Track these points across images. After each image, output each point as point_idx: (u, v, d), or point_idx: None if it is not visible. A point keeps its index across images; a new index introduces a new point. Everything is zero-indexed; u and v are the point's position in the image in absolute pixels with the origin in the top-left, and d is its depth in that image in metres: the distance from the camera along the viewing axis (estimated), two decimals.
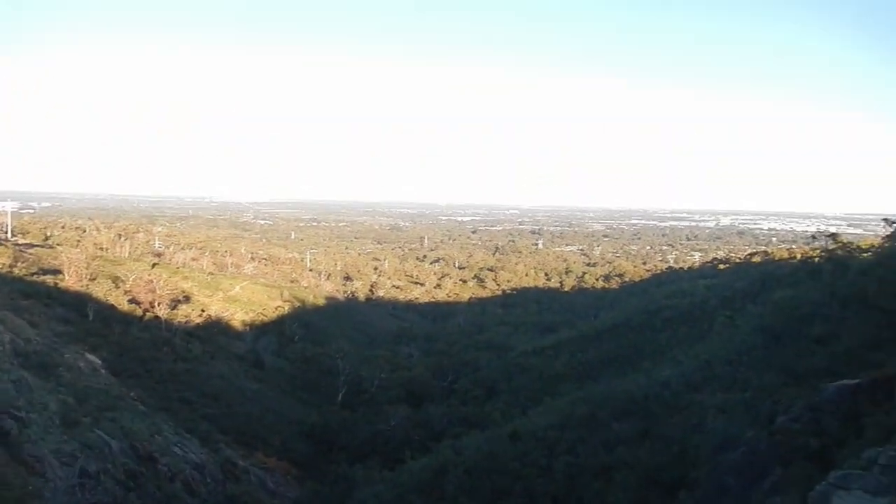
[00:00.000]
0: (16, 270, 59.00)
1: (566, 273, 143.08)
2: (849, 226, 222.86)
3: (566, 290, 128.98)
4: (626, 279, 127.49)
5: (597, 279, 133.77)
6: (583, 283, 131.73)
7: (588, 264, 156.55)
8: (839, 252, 48.05)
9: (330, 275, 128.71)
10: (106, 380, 39.98)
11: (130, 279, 66.22)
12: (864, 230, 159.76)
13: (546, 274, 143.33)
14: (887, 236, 36.84)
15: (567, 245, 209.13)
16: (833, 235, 54.93)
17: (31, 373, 34.89)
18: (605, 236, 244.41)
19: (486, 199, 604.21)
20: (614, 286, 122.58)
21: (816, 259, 58.70)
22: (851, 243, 52.78)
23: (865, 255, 46.65)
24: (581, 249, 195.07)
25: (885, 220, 35.88)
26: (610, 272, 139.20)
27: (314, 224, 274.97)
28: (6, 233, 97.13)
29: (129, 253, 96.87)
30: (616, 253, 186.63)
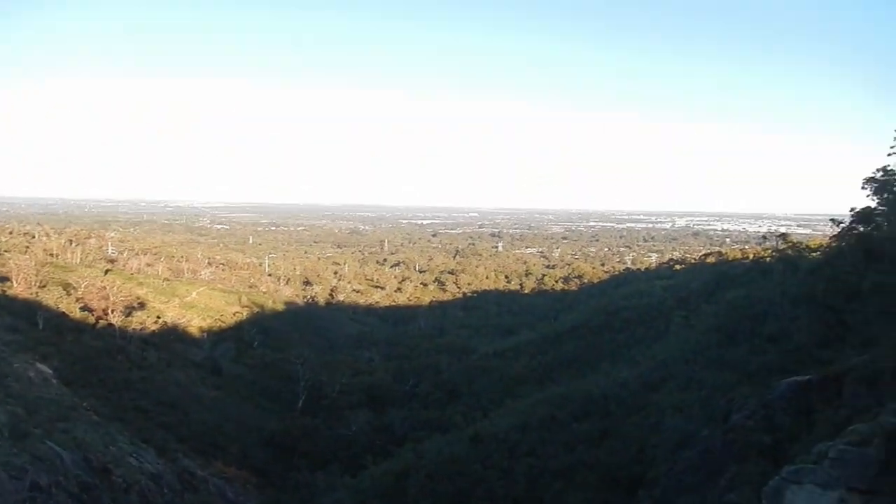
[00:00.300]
0: None
1: (526, 275, 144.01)
2: (798, 226, 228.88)
3: (526, 292, 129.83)
4: (585, 281, 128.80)
5: (556, 281, 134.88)
6: (542, 285, 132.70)
7: (547, 266, 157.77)
8: (789, 252, 49.45)
9: (289, 279, 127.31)
10: (57, 390, 38.87)
11: (82, 286, 64.57)
12: (813, 230, 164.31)
13: (506, 276, 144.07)
14: (834, 236, 37.96)
15: (526, 247, 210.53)
16: (783, 236, 56.56)
17: None
18: (564, 238, 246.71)
19: (445, 202, 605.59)
20: (573, 288, 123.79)
21: (768, 259, 60.35)
22: (801, 243, 54.33)
23: (814, 254, 48.08)
24: (540, 251, 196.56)
25: (833, 220, 36.99)
26: (569, 274, 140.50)
27: (272, 228, 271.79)
28: None
29: (81, 259, 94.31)
30: (575, 255, 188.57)
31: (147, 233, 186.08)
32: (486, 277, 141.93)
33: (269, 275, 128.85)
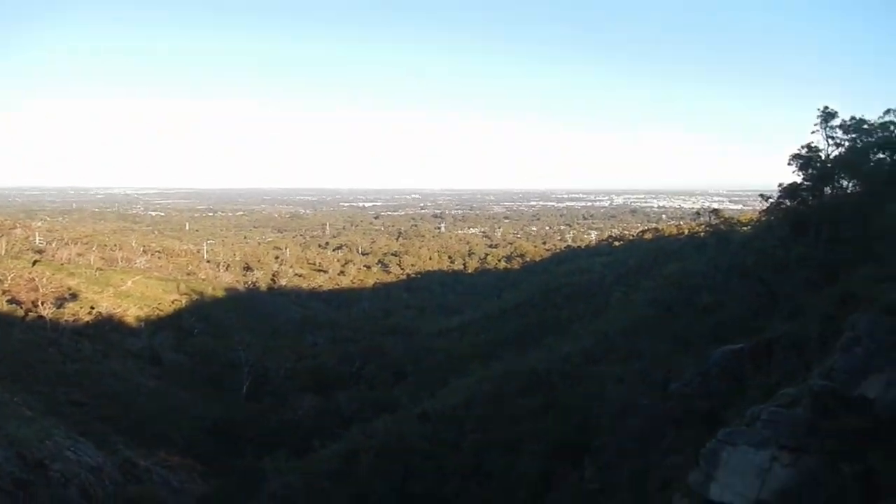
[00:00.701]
0: None
1: (469, 255, 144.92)
2: (730, 202, 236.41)
3: (469, 272, 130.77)
4: (528, 259, 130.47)
5: (499, 260, 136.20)
6: (485, 265, 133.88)
7: (490, 246, 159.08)
8: (721, 227, 51.16)
9: (229, 266, 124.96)
10: None
11: (9, 278, 62.12)
12: (744, 205, 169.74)
13: (450, 257, 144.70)
14: (763, 211, 39.30)
15: (469, 228, 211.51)
16: (716, 211, 58.48)
17: None
18: (506, 218, 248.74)
19: (386, 184, 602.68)
20: (516, 266, 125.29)
21: (702, 234, 62.39)
22: (732, 218, 56.26)
23: (745, 229, 49.90)
24: (483, 232, 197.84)
25: (762, 195, 38.29)
26: (511, 253, 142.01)
27: (210, 214, 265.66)
28: None
29: (6, 250, 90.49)
30: (517, 234, 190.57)
31: (77, 221, 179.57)
32: (430, 258, 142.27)
33: (208, 261, 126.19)
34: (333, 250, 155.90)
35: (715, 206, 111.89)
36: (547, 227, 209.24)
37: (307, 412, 43.77)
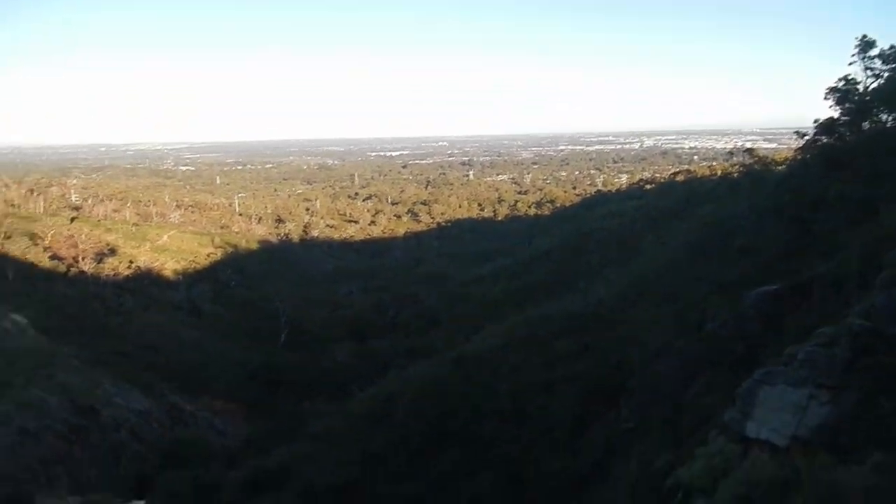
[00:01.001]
0: None
1: (499, 202, 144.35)
2: (764, 140, 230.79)
3: (500, 219, 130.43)
4: (558, 205, 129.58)
5: (529, 207, 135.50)
6: (515, 212, 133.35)
7: (519, 192, 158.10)
8: (756, 167, 50.07)
9: (261, 218, 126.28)
10: (35, 339, 38.85)
11: (49, 235, 63.50)
12: (779, 144, 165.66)
13: (479, 204, 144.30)
14: (799, 148, 38.35)
15: (498, 174, 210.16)
16: (749, 150, 57.17)
17: None
18: (535, 164, 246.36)
19: (413, 132, 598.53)
20: (546, 213, 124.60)
21: (735, 175, 61.13)
22: (767, 157, 54.99)
23: (780, 168, 48.78)
24: (512, 178, 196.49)
25: (797, 132, 37.34)
26: (541, 199, 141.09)
27: (239, 168, 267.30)
28: None
29: (45, 208, 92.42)
30: (546, 180, 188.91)
31: (110, 178, 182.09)
32: (459, 206, 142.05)
33: (240, 214, 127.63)
34: (363, 200, 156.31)
35: (748, 145, 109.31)
36: (576, 172, 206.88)
37: (344, 359, 44.68)
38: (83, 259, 58.81)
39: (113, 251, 66.89)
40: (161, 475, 25.57)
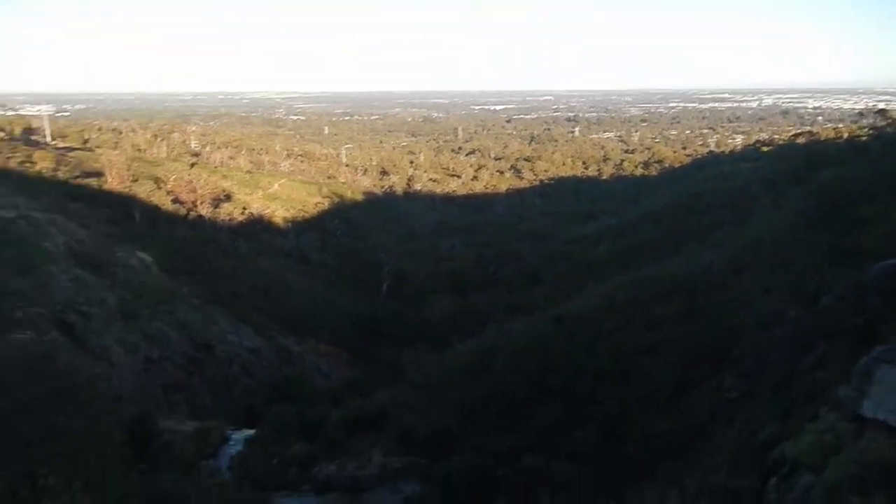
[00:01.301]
0: (59, 174, 60.01)
1: (604, 161, 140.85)
2: None
3: (605, 178, 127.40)
4: (666, 165, 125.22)
5: (636, 166, 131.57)
6: (621, 171, 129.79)
7: (626, 151, 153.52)
8: (888, 129, 46.42)
9: (366, 170, 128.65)
10: (158, 276, 41.67)
11: (171, 179, 67.16)
12: None
13: (584, 162, 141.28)
14: None
15: (604, 132, 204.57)
16: (882, 112, 53.01)
17: (88, 271, 36.58)
18: (643, 121, 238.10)
19: (517, 86, 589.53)
20: (654, 173, 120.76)
21: (864, 138, 56.94)
22: None
23: None
24: (619, 136, 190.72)
25: None
26: (649, 159, 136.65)
27: (346, 118, 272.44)
28: (46, 137, 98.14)
29: (167, 153, 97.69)
30: (655, 138, 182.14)
31: (226, 126, 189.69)
32: (563, 164, 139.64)
33: (347, 165, 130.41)
34: (466, 155, 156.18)
35: (881, 105, 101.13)
36: (688, 131, 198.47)
37: (444, 312, 45.39)
38: (201, 203, 61.98)
39: (228, 197, 70.20)
40: (269, 409, 27.09)
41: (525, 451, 20.38)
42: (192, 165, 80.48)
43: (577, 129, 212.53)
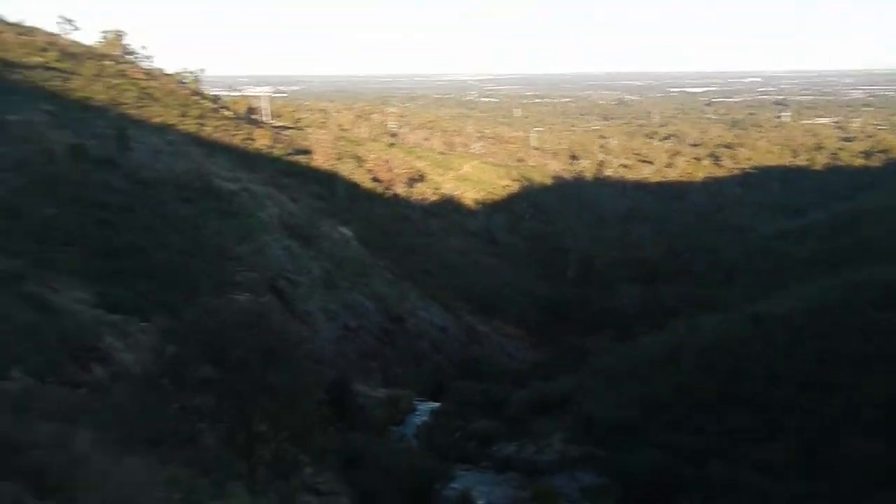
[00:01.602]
0: (275, 151, 65.41)
1: (817, 149, 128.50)
2: None
3: (816, 168, 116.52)
4: (891, 155, 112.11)
5: (854, 156, 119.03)
6: (836, 161, 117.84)
7: (844, 139, 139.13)
8: None
9: (556, 154, 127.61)
10: (357, 250, 44.44)
11: (370, 159, 70.90)
12: None
13: (793, 150, 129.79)
14: None
15: (818, 117, 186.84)
16: None
17: (297, 242, 39.81)
18: (867, 105, 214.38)
19: (720, 66, 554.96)
20: (876, 164, 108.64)
21: None
22: None
23: None
24: (835, 122, 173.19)
25: None
26: (871, 148, 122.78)
27: (537, 101, 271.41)
28: (264, 116, 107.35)
29: (368, 133, 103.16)
30: (880, 125, 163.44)
31: (422, 108, 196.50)
32: (769, 152, 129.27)
33: (536, 149, 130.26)
34: (660, 140, 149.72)
35: None
36: None
37: (631, 301, 44.22)
38: (397, 182, 64.94)
39: (422, 177, 73.02)
40: (455, 384, 27.99)
41: (711, 454, 19.47)
42: (390, 146, 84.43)
43: (786, 113, 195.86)
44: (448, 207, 66.72)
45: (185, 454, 10.13)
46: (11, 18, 59.22)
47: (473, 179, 79.67)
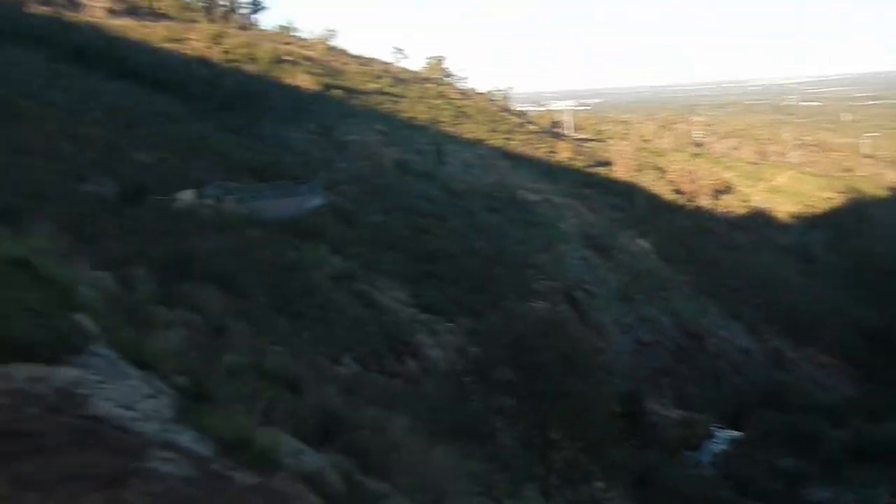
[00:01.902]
0: (576, 163, 66.64)
1: None
2: None
3: None
4: None
5: None
6: None
7: None
8: None
9: (893, 162, 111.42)
10: (655, 263, 43.52)
11: (672, 169, 68.75)
12: None
13: None
14: None
15: None
16: None
17: (594, 252, 40.22)
18: None
19: None
20: None
21: None
22: None
23: None
24: None
25: None
26: None
27: (871, 103, 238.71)
28: (567, 129, 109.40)
29: (671, 144, 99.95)
30: None
31: (731, 115, 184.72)
32: None
33: (868, 156, 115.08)
34: None
35: None
36: None
37: None
38: (700, 194, 62.09)
39: (728, 189, 69.01)
40: (758, 413, 25.93)
41: None
42: (695, 156, 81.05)
43: None
44: (757, 221, 61.99)
45: (484, 450, 10.80)
46: (354, 51, 68.88)
47: (789, 191, 73.15)
